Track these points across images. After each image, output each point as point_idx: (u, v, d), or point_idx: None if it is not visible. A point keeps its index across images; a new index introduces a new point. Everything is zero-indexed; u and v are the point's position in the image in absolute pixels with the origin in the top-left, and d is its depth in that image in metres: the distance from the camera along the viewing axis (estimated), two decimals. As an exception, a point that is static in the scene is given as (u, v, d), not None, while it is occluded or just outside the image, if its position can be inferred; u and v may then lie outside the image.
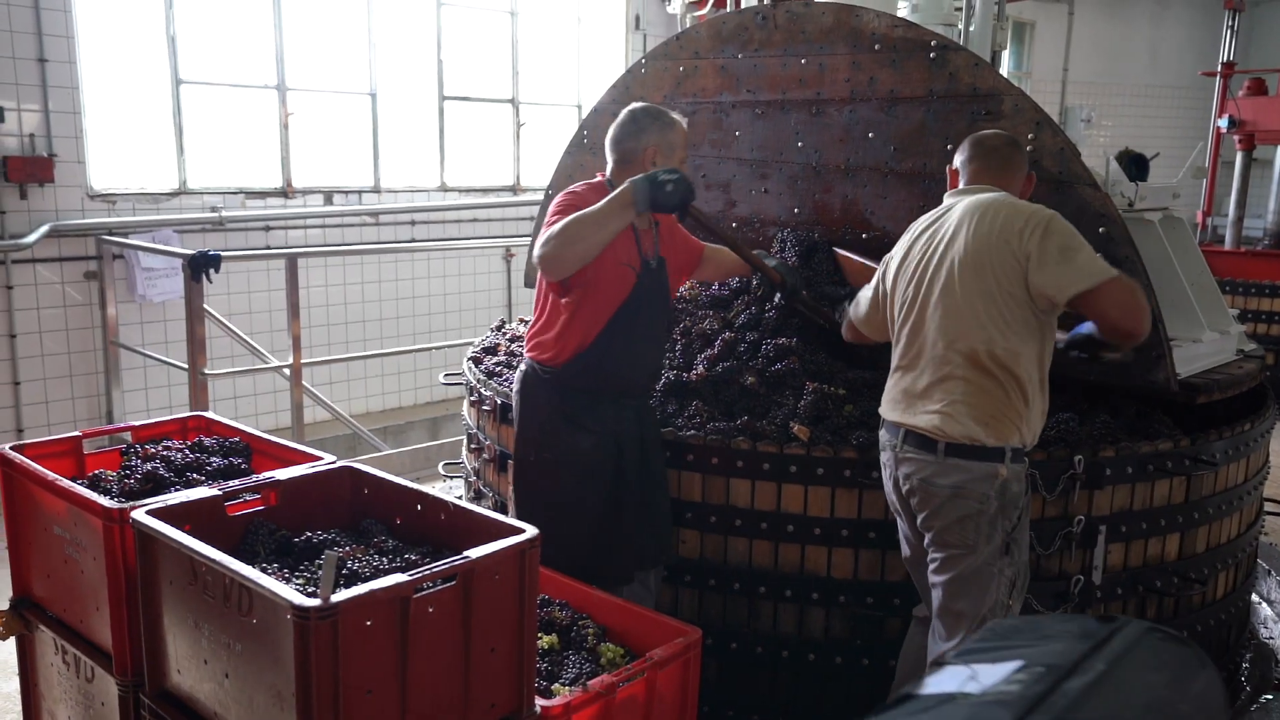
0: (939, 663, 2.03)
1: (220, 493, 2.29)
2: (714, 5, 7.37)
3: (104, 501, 2.26)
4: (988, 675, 1.28)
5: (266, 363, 5.61)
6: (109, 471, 2.63)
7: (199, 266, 4.77)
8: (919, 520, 2.73)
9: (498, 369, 4.08)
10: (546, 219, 2.90)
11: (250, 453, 2.77)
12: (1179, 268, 3.63)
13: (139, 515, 2.10)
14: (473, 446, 4.12)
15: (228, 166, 6.47)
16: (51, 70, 5.59)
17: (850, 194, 3.84)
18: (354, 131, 7.05)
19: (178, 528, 2.04)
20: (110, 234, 5.79)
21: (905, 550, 2.92)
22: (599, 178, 3.09)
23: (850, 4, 3.88)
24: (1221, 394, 3.35)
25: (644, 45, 8.47)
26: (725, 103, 4.16)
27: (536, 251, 2.80)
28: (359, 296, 7.01)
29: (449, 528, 2.22)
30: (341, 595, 1.75)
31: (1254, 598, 4.08)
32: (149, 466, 2.54)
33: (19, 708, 3.46)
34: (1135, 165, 4.46)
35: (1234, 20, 9.30)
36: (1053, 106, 12.35)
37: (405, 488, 2.37)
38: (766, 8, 4.06)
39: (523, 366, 3.14)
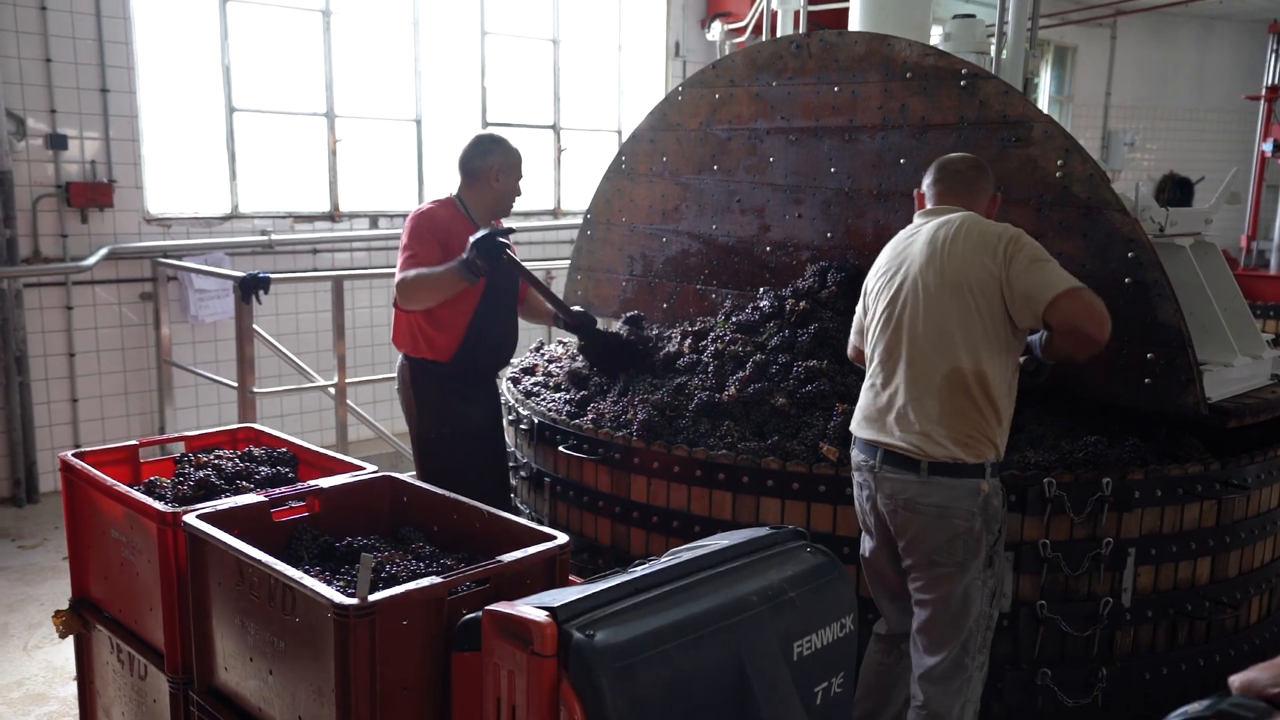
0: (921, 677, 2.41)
1: (267, 499, 2.39)
2: (752, 32, 7.47)
3: (158, 505, 2.37)
4: (662, 562, 1.85)
5: (313, 381, 5.76)
6: (163, 479, 2.74)
7: (249, 288, 4.93)
8: (902, 541, 2.73)
9: (535, 389, 4.17)
10: (404, 235, 3.57)
11: (297, 463, 2.88)
12: (1211, 293, 3.64)
13: (190, 519, 2.20)
14: (510, 465, 4.21)
15: (278, 191, 6.67)
16: (113, 100, 5.82)
17: (882, 219, 3.90)
18: (399, 157, 7.24)
19: (226, 531, 2.14)
20: (165, 256, 5.99)
21: (869, 568, 2.94)
22: (449, 195, 3.69)
23: (882, 33, 3.96)
24: (1253, 418, 3.35)
25: (684, 72, 8.59)
26: (760, 129, 4.25)
27: (396, 281, 3.46)
28: (403, 318, 7.16)
29: (484, 534, 2.30)
30: (379, 595, 1.83)
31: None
32: (201, 474, 2.65)
33: (76, 712, 3.60)
34: (1180, 189, 4.47)
35: (1278, 44, 9.22)
36: (1096, 130, 12.31)
37: (442, 496, 2.45)
38: (801, 36, 4.15)
39: (404, 363, 3.69)
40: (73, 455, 2.72)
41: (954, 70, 3.65)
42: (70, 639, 2.84)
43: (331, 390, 5.49)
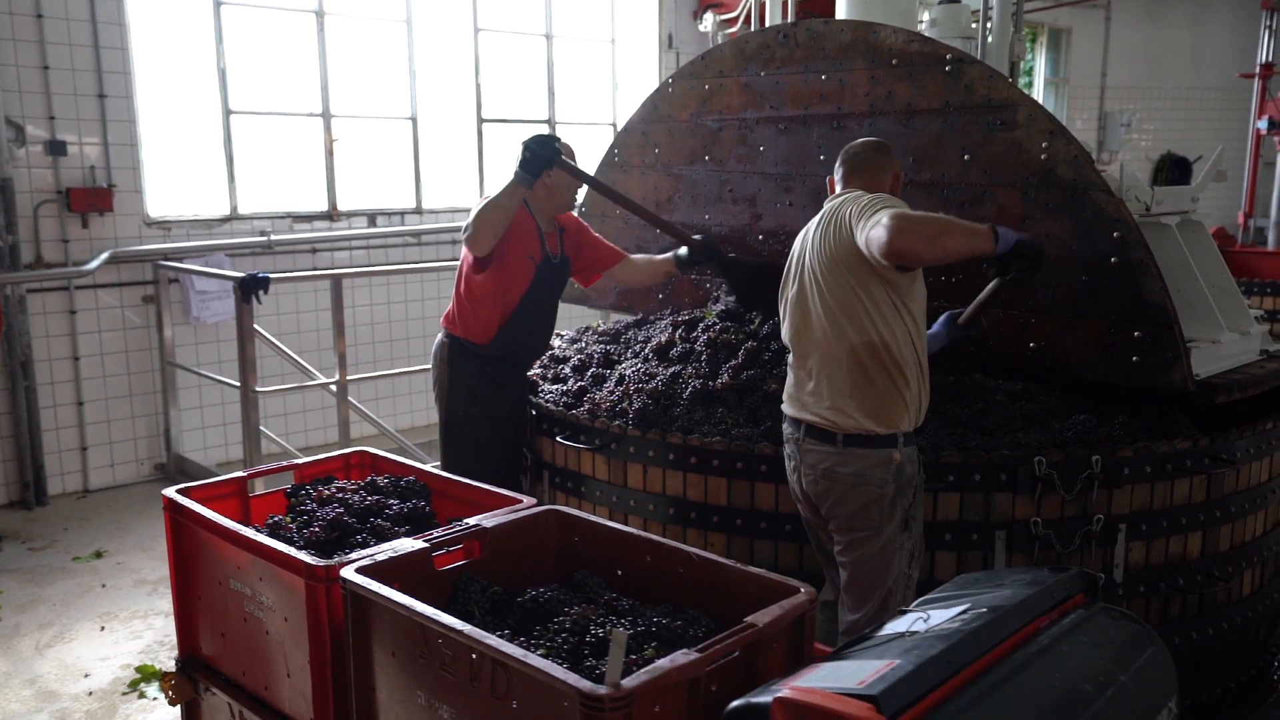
0: (850, 632, 2.18)
1: (428, 545, 2.07)
2: (744, 23, 7.50)
3: (305, 558, 2.04)
4: (937, 616, 1.53)
5: (314, 380, 5.81)
6: (282, 517, 2.46)
7: (249, 288, 4.98)
8: (824, 508, 2.89)
9: (535, 380, 4.21)
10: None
11: (429, 492, 2.59)
12: (1197, 271, 3.67)
13: (350, 574, 1.89)
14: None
15: (276, 192, 6.73)
16: (110, 105, 5.88)
17: (872, 205, 3.93)
18: (396, 155, 7.28)
19: (386, 584, 1.86)
20: (166, 259, 6.05)
21: (809, 535, 3.10)
22: None
23: (868, 21, 3.99)
24: (1241, 393, 3.38)
25: (677, 63, 8.62)
26: (750, 119, 4.28)
27: (463, 236, 3.60)
28: (403, 315, 7.23)
29: (691, 581, 1.98)
30: (633, 680, 1.53)
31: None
32: (330, 512, 2.35)
33: (87, 708, 3.65)
34: (1177, 168, 4.50)
35: (1272, 21, 9.23)
36: (1092, 112, 12.30)
37: (627, 534, 2.14)
38: (788, 26, 4.18)
39: (444, 340, 3.84)
40: (178, 492, 2.43)
41: (939, 56, 3.68)
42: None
43: (333, 388, 5.54)
